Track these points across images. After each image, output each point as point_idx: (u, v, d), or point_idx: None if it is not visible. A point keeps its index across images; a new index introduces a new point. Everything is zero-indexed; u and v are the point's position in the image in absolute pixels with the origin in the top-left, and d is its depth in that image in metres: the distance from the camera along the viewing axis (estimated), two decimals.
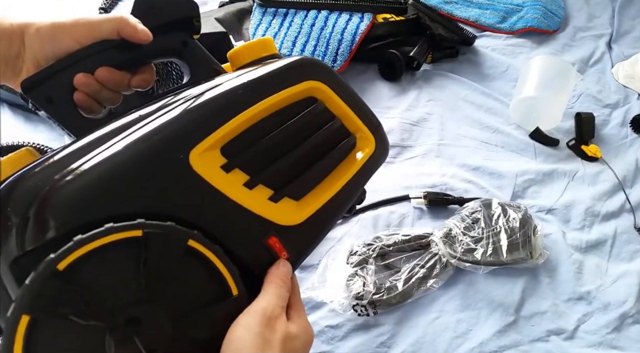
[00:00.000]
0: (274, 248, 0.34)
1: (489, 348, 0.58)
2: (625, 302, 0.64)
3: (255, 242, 0.34)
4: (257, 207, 0.34)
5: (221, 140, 0.34)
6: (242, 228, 0.33)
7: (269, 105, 0.36)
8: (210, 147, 0.33)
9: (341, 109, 0.41)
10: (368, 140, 0.42)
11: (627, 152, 0.86)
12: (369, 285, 0.59)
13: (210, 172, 0.33)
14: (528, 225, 0.66)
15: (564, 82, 0.86)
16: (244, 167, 0.34)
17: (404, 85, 0.92)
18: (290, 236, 0.35)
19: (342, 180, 0.39)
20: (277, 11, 0.89)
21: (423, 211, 0.71)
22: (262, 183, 0.35)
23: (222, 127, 0.33)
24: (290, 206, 0.36)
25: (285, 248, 0.35)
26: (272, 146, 0.36)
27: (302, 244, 0.37)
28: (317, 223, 0.37)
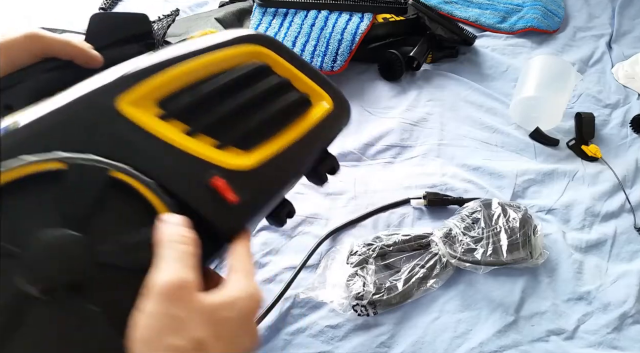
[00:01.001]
0: (219, 189, 0.32)
1: (489, 348, 0.58)
2: (625, 302, 0.64)
3: (198, 183, 0.32)
4: (199, 151, 0.32)
5: (156, 91, 0.33)
6: (182, 171, 0.32)
7: (207, 62, 0.35)
8: (142, 96, 0.32)
9: (290, 72, 0.40)
10: (324, 99, 0.41)
11: (627, 152, 0.86)
12: (369, 285, 0.59)
13: (145, 118, 0.32)
14: (528, 225, 0.66)
15: (564, 82, 0.86)
16: (183, 117, 0.33)
17: (404, 85, 0.92)
18: (240, 181, 0.33)
19: (294, 134, 0.38)
20: (277, 11, 0.89)
21: (423, 211, 0.71)
22: (203, 132, 0.34)
23: (154, 76, 0.33)
24: (238, 154, 0.35)
25: (233, 190, 0.32)
26: (212, 97, 0.35)
27: (254, 191, 0.34)
28: (269, 173, 0.35)
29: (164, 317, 0.26)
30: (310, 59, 0.85)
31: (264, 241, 0.66)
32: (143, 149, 0.31)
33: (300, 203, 0.70)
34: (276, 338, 0.58)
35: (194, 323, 0.26)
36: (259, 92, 0.37)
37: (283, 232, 0.67)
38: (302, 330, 0.58)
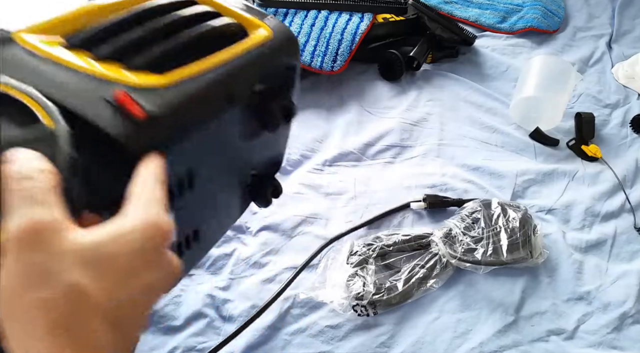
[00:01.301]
0: (123, 103, 0.28)
1: (489, 348, 0.58)
2: (625, 302, 0.64)
3: (99, 99, 0.28)
4: (102, 73, 0.29)
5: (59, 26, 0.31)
6: (81, 89, 0.28)
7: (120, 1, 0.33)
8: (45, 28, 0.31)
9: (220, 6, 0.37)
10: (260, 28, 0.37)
11: (627, 152, 0.86)
12: (369, 286, 0.59)
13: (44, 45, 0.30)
14: (528, 224, 0.66)
15: (564, 82, 0.86)
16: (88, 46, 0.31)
17: (404, 85, 0.92)
18: (149, 96, 0.29)
19: (220, 57, 0.33)
20: (277, 11, 0.89)
21: (423, 212, 0.71)
22: (111, 58, 0.31)
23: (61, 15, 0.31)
24: (151, 75, 0.31)
25: (138, 103, 0.28)
26: (120, 25, 0.32)
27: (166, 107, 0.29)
28: (187, 89, 0.31)
29: (25, 268, 0.21)
30: (310, 58, 0.85)
31: (264, 241, 0.66)
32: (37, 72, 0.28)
33: (300, 204, 0.70)
34: (276, 338, 0.58)
35: (64, 268, 0.21)
36: (177, 18, 0.33)
37: (283, 232, 0.67)
38: (302, 330, 0.58)
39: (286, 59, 0.38)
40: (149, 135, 0.28)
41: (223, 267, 0.64)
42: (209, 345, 0.56)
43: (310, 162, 0.77)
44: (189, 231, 0.36)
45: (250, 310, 0.59)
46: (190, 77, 0.31)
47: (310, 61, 0.85)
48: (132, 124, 0.28)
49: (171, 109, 0.30)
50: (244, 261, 0.64)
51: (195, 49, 0.33)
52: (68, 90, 0.28)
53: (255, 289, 0.60)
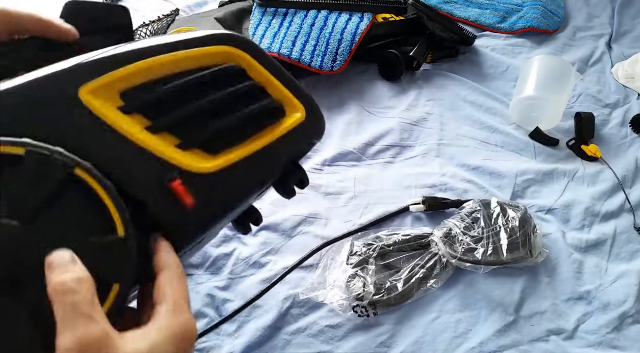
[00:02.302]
0: (177, 192, 0.30)
1: (488, 348, 0.58)
2: (625, 302, 0.64)
3: (155, 183, 0.30)
4: (160, 150, 0.31)
5: (121, 82, 0.31)
6: (140, 168, 0.30)
7: (178, 58, 0.33)
8: (106, 86, 0.30)
9: (265, 77, 0.38)
10: (296, 109, 0.40)
11: (627, 152, 0.86)
12: (370, 286, 0.59)
13: (106, 110, 0.30)
14: (528, 224, 0.66)
15: (564, 82, 0.86)
16: (146, 111, 0.31)
17: (404, 85, 0.92)
18: (199, 183, 0.31)
19: (262, 142, 0.36)
20: (277, 11, 0.89)
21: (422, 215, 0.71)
22: (167, 130, 0.32)
23: (121, 69, 0.31)
24: (201, 156, 0.33)
25: (191, 194, 0.30)
26: (180, 94, 0.33)
27: (212, 195, 0.32)
28: (231, 179, 0.33)
29: None
30: (310, 59, 0.85)
31: (264, 241, 0.66)
32: (102, 142, 0.29)
33: (300, 204, 0.70)
34: (276, 338, 0.58)
35: None
36: (230, 95, 0.35)
37: (283, 232, 0.67)
38: (302, 330, 0.58)
39: (313, 140, 0.41)
40: (194, 223, 0.31)
41: (223, 267, 0.64)
42: (209, 345, 0.56)
43: (310, 162, 0.77)
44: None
45: (250, 310, 0.59)
46: (237, 163, 0.34)
47: (310, 61, 0.85)
48: (181, 213, 0.30)
49: (218, 198, 0.32)
50: (243, 261, 0.64)
51: (242, 127, 0.35)
52: (129, 168, 0.29)
53: (255, 289, 0.60)
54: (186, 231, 0.31)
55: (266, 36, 0.86)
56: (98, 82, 0.30)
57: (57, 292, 0.25)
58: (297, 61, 0.85)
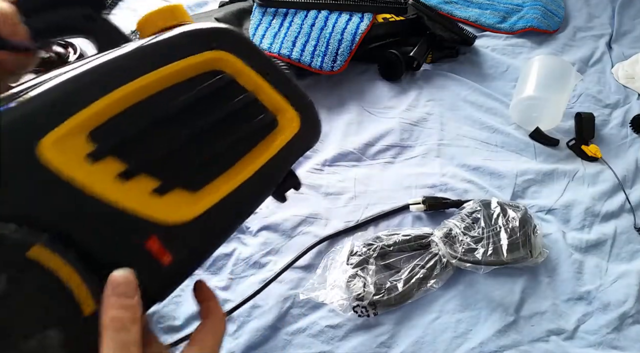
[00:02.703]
0: (152, 250, 0.27)
1: (488, 348, 0.58)
2: (625, 302, 0.64)
3: (128, 246, 0.27)
4: (132, 206, 0.27)
5: (88, 122, 0.27)
6: (113, 233, 0.27)
7: (154, 80, 0.29)
8: (70, 132, 0.26)
9: (255, 83, 0.33)
10: (291, 119, 0.35)
11: (627, 152, 0.86)
12: (370, 286, 0.59)
13: (71, 163, 0.26)
14: (528, 224, 0.66)
15: (564, 82, 0.86)
16: (119, 152, 0.27)
17: (404, 85, 0.92)
18: (179, 235, 0.28)
19: (253, 166, 0.32)
20: (277, 11, 0.89)
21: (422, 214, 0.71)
22: (144, 171, 0.28)
23: (88, 107, 0.26)
24: (182, 198, 0.29)
25: (168, 250, 0.28)
26: (158, 124, 0.28)
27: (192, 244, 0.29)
28: (218, 216, 0.30)
29: None
30: (310, 59, 0.85)
31: (264, 241, 0.66)
32: (67, 205, 0.26)
33: (300, 204, 0.70)
34: (276, 338, 0.58)
35: None
36: (218, 116, 0.31)
37: (283, 232, 0.67)
38: (302, 330, 0.58)
39: (308, 148, 0.38)
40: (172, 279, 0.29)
41: (223, 267, 0.64)
42: None
43: (310, 162, 0.77)
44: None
45: (250, 310, 0.59)
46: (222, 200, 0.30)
47: (310, 61, 0.85)
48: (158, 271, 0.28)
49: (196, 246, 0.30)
50: (243, 261, 0.64)
51: (230, 153, 0.31)
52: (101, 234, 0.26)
53: (255, 289, 0.60)
54: (164, 285, 0.29)
55: (266, 36, 0.86)
56: (59, 131, 0.26)
57: (112, 328, 0.26)
58: (297, 61, 0.85)
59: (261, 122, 0.33)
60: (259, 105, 0.34)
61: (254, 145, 0.33)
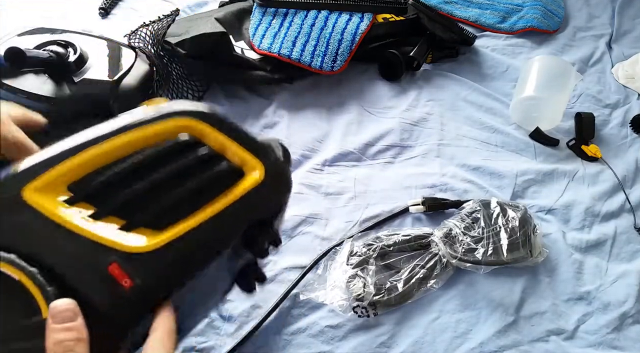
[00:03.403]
0: (114, 274, 0.31)
1: (488, 348, 0.58)
2: (625, 302, 0.64)
3: (93, 270, 0.31)
4: (98, 236, 0.32)
5: (65, 176, 0.33)
6: (80, 258, 0.31)
7: (124, 142, 0.34)
8: (50, 182, 0.32)
9: (220, 142, 0.36)
10: (254, 169, 0.37)
11: (627, 152, 0.86)
12: (370, 286, 0.59)
13: (49, 205, 0.32)
14: (528, 224, 0.66)
15: (564, 82, 0.86)
16: (91, 199, 0.33)
17: (404, 85, 0.92)
18: (137, 263, 0.32)
19: (215, 208, 0.35)
20: (277, 11, 0.89)
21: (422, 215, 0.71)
22: (111, 214, 0.33)
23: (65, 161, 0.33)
24: (145, 235, 0.33)
25: (128, 274, 0.31)
26: (123, 177, 0.33)
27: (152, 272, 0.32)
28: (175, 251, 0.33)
29: None
30: (310, 59, 0.85)
31: None
32: (44, 237, 0.31)
33: (300, 203, 0.70)
34: (276, 338, 0.58)
35: None
36: (178, 167, 0.35)
37: (283, 231, 0.67)
38: (302, 330, 0.58)
39: (275, 198, 0.39)
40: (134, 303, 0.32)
41: None
42: (209, 345, 0.56)
43: (310, 162, 0.77)
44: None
45: (250, 310, 0.59)
46: (179, 238, 0.33)
47: (310, 61, 0.85)
48: (121, 295, 0.31)
49: (159, 270, 0.32)
50: None
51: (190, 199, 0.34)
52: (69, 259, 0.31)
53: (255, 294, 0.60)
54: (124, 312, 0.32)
55: (266, 36, 0.86)
56: (41, 180, 0.32)
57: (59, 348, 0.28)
58: (297, 61, 0.85)
59: (223, 172, 0.36)
60: (221, 158, 0.36)
61: (218, 193, 0.35)
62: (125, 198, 0.33)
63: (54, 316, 0.29)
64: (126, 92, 0.77)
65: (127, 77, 0.78)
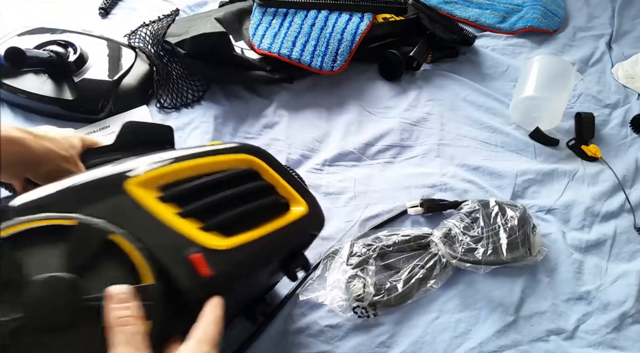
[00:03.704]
0: (196, 263, 0.37)
1: (488, 348, 0.58)
2: (625, 301, 0.64)
3: (179, 256, 0.37)
4: (185, 231, 0.38)
5: (159, 179, 0.40)
6: (167, 244, 0.37)
7: (205, 162, 0.43)
8: (147, 181, 0.39)
9: (275, 179, 0.47)
10: (300, 204, 0.48)
11: (627, 152, 0.86)
12: (369, 287, 0.59)
13: (145, 198, 0.38)
14: (527, 223, 0.66)
15: (564, 82, 0.86)
16: (177, 201, 0.40)
17: (404, 85, 0.92)
18: (215, 258, 0.38)
19: (268, 229, 0.44)
20: (277, 11, 0.89)
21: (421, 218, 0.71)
22: (193, 216, 0.40)
23: (160, 167, 0.41)
24: (219, 237, 0.40)
25: (208, 266, 0.37)
26: (204, 189, 0.42)
27: (226, 268, 0.39)
28: (241, 256, 0.41)
29: None
30: (310, 59, 0.85)
31: None
32: (139, 221, 0.37)
33: None
34: (276, 338, 0.57)
35: None
36: (243, 191, 0.44)
37: None
38: (302, 330, 0.58)
39: (313, 231, 0.50)
40: (210, 290, 0.37)
41: None
42: None
43: (310, 162, 0.77)
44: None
45: None
46: (247, 243, 0.41)
47: (310, 61, 0.85)
48: (198, 281, 0.37)
49: (230, 270, 0.39)
50: None
51: (253, 217, 0.43)
52: (158, 243, 0.36)
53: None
54: (201, 296, 0.37)
55: (266, 36, 0.86)
56: (141, 177, 0.39)
57: (118, 323, 0.32)
58: (297, 61, 0.85)
59: (275, 202, 0.46)
60: (275, 192, 0.47)
61: (271, 218, 0.45)
62: (204, 206, 0.40)
63: (112, 297, 0.32)
64: (126, 92, 0.77)
65: (127, 77, 0.78)
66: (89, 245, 0.34)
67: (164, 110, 0.80)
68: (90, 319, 0.32)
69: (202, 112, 0.80)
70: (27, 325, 0.31)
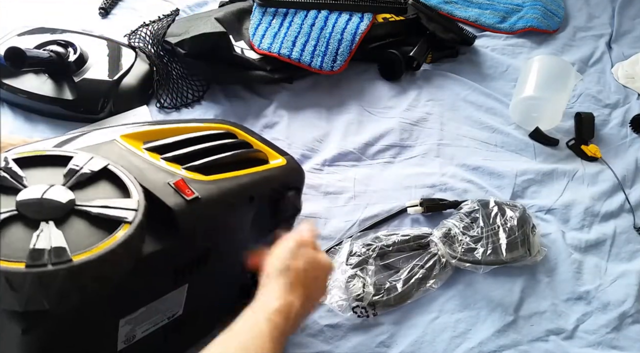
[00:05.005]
0: (180, 187, 0.43)
1: (488, 348, 0.58)
2: (625, 301, 0.64)
3: (167, 184, 0.43)
4: (169, 168, 0.45)
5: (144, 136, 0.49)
6: (155, 176, 0.44)
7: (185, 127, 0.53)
8: (135, 135, 0.48)
9: (253, 141, 0.55)
10: (279, 159, 0.55)
11: (626, 152, 0.86)
12: (369, 286, 0.59)
13: (134, 145, 0.47)
14: (527, 223, 0.66)
15: (564, 82, 0.86)
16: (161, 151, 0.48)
17: (404, 85, 0.92)
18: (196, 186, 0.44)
19: (247, 171, 0.50)
20: (277, 11, 0.89)
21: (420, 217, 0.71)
22: (174, 162, 0.47)
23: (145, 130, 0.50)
24: (199, 175, 0.46)
25: (190, 189, 0.43)
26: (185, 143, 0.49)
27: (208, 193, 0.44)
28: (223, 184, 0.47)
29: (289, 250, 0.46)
30: (310, 58, 0.85)
31: None
32: (129, 159, 0.45)
33: None
34: None
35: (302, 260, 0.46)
36: (221, 145, 0.51)
37: None
38: (302, 330, 0.58)
39: (293, 181, 0.55)
40: (194, 210, 0.42)
41: None
42: None
43: (310, 162, 0.77)
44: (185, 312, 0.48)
45: None
46: (225, 179, 0.47)
47: (310, 61, 0.85)
48: (184, 201, 0.42)
49: (210, 195, 0.44)
50: None
51: (232, 164, 0.50)
52: (147, 176, 0.43)
53: None
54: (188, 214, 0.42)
55: (266, 36, 0.86)
56: (130, 134, 0.48)
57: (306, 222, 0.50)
58: (297, 61, 0.85)
59: (252, 154, 0.54)
60: (251, 147, 0.55)
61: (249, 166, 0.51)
62: (185, 154, 0.48)
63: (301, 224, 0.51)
64: (126, 92, 0.77)
65: (127, 77, 0.78)
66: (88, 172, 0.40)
67: (164, 110, 0.80)
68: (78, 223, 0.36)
69: (202, 112, 0.80)
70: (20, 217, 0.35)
